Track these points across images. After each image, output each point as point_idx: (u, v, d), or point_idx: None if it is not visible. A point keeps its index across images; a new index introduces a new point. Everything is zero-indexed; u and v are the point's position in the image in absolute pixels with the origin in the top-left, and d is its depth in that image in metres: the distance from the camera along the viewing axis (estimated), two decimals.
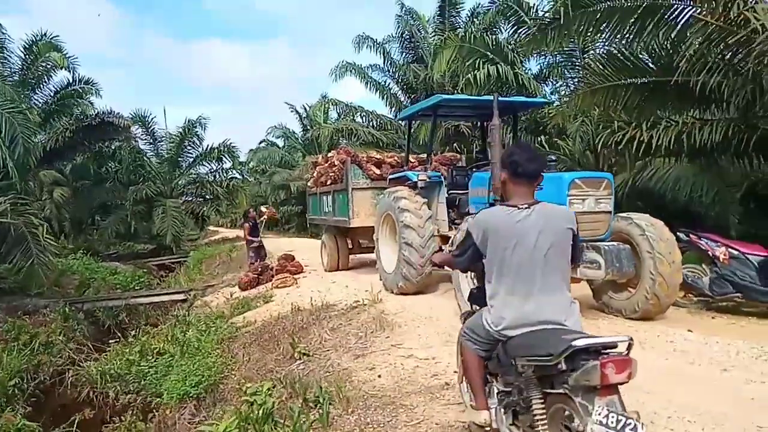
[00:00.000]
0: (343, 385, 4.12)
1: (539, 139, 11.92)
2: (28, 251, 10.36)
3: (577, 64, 15.37)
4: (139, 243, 28.17)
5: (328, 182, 10.09)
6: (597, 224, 5.13)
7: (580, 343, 1.96)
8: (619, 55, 8.29)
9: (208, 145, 27.02)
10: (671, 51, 7.85)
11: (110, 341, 9.68)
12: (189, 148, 27.02)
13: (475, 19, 19.38)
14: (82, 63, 22.01)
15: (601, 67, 8.52)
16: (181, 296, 13.66)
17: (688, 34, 6.83)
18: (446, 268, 3.53)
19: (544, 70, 15.79)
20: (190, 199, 28.53)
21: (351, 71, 19.40)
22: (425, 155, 9.17)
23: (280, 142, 38.36)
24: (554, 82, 15.63)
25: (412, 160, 9.37)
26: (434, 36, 19.36)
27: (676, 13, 7.31)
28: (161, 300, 13.63)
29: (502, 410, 2.52)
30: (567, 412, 2.20)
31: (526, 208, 2.42)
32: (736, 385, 3.44)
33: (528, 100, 8.13)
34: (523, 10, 15.77)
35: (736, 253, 5.69)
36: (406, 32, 19.09)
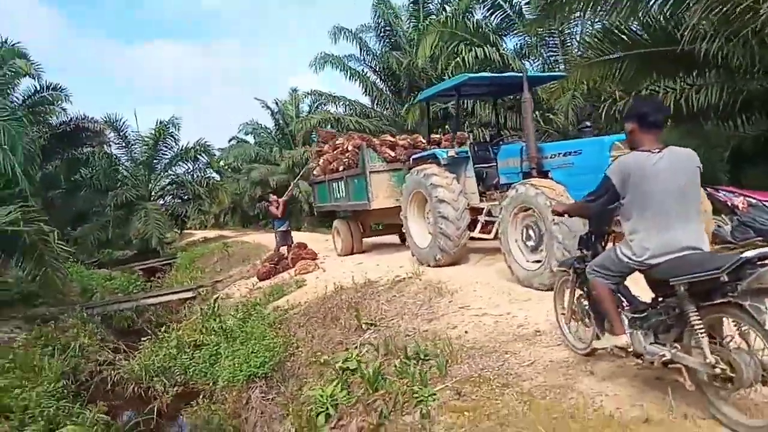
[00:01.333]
0: (438, 341, 4.47)
1: (535, 114, 12.41)
2: (41, 259, 10.29)
3: (550, 43, 16.05)
4: (116, 249, 27.69)
5: (340, 168, 10.34)
6: None
7: (750, 254, 2.37)
8: (614, 29, 8.82)
9: (183, 145, 26.82)
10: (664, 22, 8.41)
11: (140, 340, 9.79)
12: (164, 149, 26.70)
13: (446, 5, 19.77)
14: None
15: (597, 41, 9.06)
16: (189, 294, 13.73)
17: (690, 4, 7.30)
18: (566, 216, 3.82)
19: (524, 49, 16.33)
20: (167, 201, 28.31)
21: (331, 63, 19.56)
22: (438, 135, 9.54)
23: (250, 139, 38.26)
24: (533, 60, 16.18)
25: (423, 141, 9.75)
26: (409, 23, 19.67)
27: None
28: (170, 299, 13.68)
29: (640, 333, 2.91)
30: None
31: (658, 152, 2.83)
32: None
33: (549, 75, 8.49)
34: None
35: (753, 201, 6.28)
36: (383, 21, 19.29)
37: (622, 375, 3.32)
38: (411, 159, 8.58)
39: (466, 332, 4.67)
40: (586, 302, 3.54)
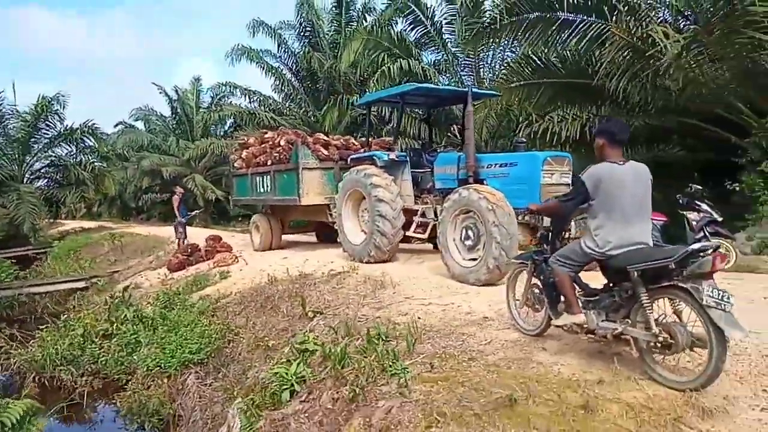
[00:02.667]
0: (396, 326, 4.83)
1: (452, 128, 13.28)
2: None
3: (462, 63, 17.25)
4: None
5: (269, 162, 10.36)
6: (555, 193, 6.40)
7: (693, 247, 3.01)
8: (536, 57, 9.85)
9: (67, 126, 24.93)
10: (578, 57, 9.57)
11: (24, 330, 9.13)
12: (45, 128, 24.60)
13: (366, 14, 20.35)
14: None
15: (519, 67, 10.05)
16: (81, 284, 12.90)
17: (606, 45, 8.42)
18: (538, 215, 4.32)
19: (440, 65, 17.30)
20: (42, 184, 26.08)
21: (248, 56, 19.30)
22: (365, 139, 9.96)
23: (139, 125, 36.36)
24: (447, 77, 17.20)
25: (356, 144, 10.11)
26: (331, 26, 19.98)
27: (587, 26, 8.97)
28: (58, 288, 12.72)
29: (593, 312, 3.51)
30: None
31: (623, 164, 3.45)
32: None
33: (485, 92, 9.05)
34: (421, 10, 17.10)
35: None
36: (305, 21, 19.40)
37: (570, 350, 3.91)
38: (349, 159, 8.89)
39: (418, 318, 5.07)
40: (538, 290, 4.13)
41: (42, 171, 25.68)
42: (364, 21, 20.21)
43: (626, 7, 7.95)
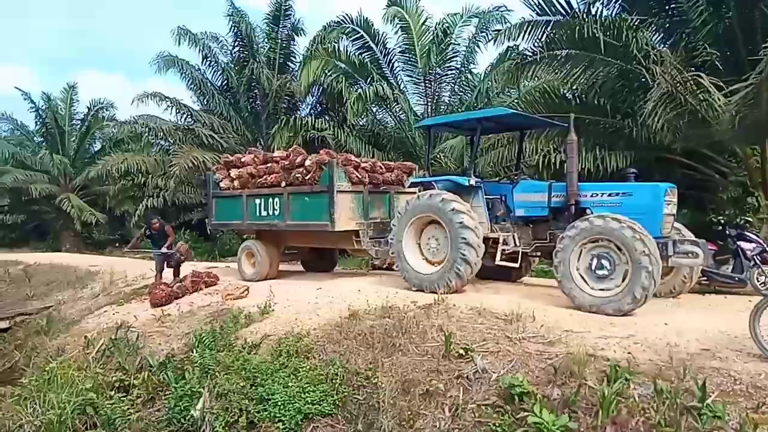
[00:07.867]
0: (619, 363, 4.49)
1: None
2: None
3: (411, 90, 17.48)
4: None
5: (283, 183, 9.32)
6: (670, 223, 6.61)
7: None
8: (551, 91, 10.23)
9: None
10: (592, 94, 10.13)
11: None
12: None
13: (295, 33, 19.66)
14: None
15: (534, 100, 10.36)
16: (3, 324, 10.47)
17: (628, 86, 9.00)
18: None
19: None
20: None
21: (175, 65, 17.48)
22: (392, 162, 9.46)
23: None
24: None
25: (381, 167, 9.54)
26: (266, 44, 18.89)
27: (609, 66, 9.55)
28: None
29: None
30: None
31: None
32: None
33: (549, 121, 8.84)
34: (370, 36, 17.02)
35: None
36: (241, 33, 18.10)
37: None
38: (408, 183, 8.36)
39: (629, 353, 4.77)
40: None
41: None
42: (292, 41, 19.49)
43: (661, 59, 8.53)
